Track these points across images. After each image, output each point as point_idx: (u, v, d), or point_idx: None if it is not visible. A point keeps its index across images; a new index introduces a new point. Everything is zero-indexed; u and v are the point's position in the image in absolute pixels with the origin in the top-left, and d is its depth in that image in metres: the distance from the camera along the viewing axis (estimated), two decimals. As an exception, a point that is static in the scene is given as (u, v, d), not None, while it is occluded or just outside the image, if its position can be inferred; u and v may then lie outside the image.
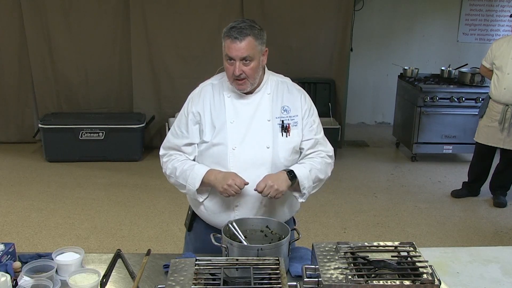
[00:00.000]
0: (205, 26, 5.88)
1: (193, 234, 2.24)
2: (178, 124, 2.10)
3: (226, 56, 1.97)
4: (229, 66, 1.97)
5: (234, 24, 1.95)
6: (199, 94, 2.09)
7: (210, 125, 2.04)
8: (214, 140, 2.02)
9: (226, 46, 1.96)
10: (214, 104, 2.05)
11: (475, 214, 4.59)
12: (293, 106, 2.09)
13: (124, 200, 4.65)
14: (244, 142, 2.01)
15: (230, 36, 1.93)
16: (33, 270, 1.79)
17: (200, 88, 2.12)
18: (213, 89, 2.09)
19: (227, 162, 2.01)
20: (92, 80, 5.98)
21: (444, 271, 1.92)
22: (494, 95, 4.45)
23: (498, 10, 6.98)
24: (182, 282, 1.57)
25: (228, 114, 2.03)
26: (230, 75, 1.99)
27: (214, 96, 2.07)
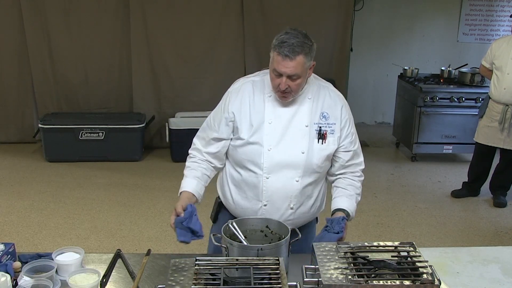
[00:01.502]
0: (205, 26, 5.88)
1: (217, 226, 2.24)
2: (214, 116, 2.11)
3: (273, 70, 1.93)
4: (276, 78, 1.95)
5: (286, 39, 1.89)
6: (237, 90, 2.07)
7: (248, 123, 2.02)
8: (251, 138, 2.01)
9: (275, 60, 1.92)
10: (254, 102, 2.03)
11: (475, 214, 4.59)
12: (332, 114, 2.08)
13: (124, 200, 4.65)
14: (280, 144, 2.01)
15: (280, 53, 1.88)
16: (33, 270, 1.78)
17: (240, 84, 2.09)
18: (253, 86, 2.06)
19: (261, 162, 2.02)
20: (92, 80, 5.98)
21: (444, 271, 1.91)
22: (494, 95, 4.45)
23: (498, 10, 6.98)
24: (182, 282, 1.57)
25: (267, 114, 2.02)
26: (275, 86, 1.97)
27: (254, 94, 2.05)
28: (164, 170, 5.45)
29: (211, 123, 2.10)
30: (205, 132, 2.12)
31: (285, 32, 1.93)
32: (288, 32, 1.93)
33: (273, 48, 1.93)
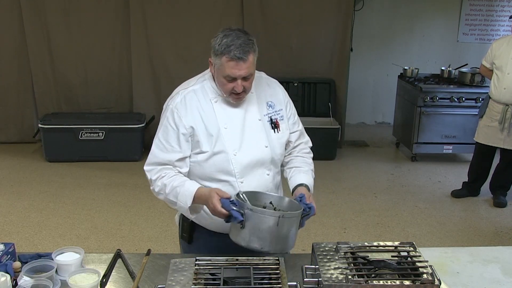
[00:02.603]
0: (205, 26, 5.88)
1: (195, 245, 2.11)
2: (165, 138, 1.94)
3: (226, 76, 1.86)
4: (228, 83, 1.88)
5: (231, 41, 1.82)
6: (184, 104, 1.94)
7: (206, 134, 1.93)
8: (215, 148, 1.93)
9: (226, 66, 1.84)
10: (204, 112, 1.94)
11: (475, 214, 4.59)
12: (276, 101, 2.08)
13: (124, 200, 4.65)
14: (243, 145, 1.96)
15: (232, 58, 1.82)
16: (33, 270, 1.78)
17: (182, 97, 1.96)
18: (196, 95, 1.97)
19: (232, 169, 1.95)
20: (92, 80, 5.98)
21: (444, 271, 1.91)
22: (494, 95, 4.44)
23: (498, 10, 6.98)
24: (182, 282, 1.57)
25: (220, 120, 1.95)
26: (228, 90, 1.90)
27: (201, 103, 1.95)
28: (164, 170, 5.45)
29: (166, 146, 1.93)
30: (162, 157, 1.94)
31: (224, 35, 1.86)
32: (228, 34, 1.86)
33: (218, 54, 1.85)
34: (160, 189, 1.93)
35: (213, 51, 1.89)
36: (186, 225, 2.11)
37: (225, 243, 1.88)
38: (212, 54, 1.91)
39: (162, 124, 1.98)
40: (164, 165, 1.94)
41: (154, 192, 1.98)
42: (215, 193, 1.78)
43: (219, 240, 2.00)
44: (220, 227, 1.97)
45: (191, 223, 2.09)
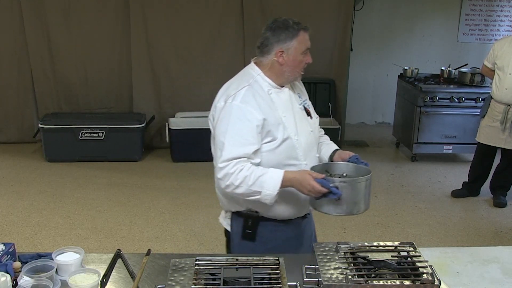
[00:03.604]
0: (205, 26, 5.88)
1: (260, 241, 2.14)
2: (238, 133, 2.00)
3: (304, 50, 2.06)
4: (303, 58, 2.08)
5: (292, 20, 2.06)
6: (250, 99, 2.04)
7: (274, 123, 2.04)
8: (284, 135, 2.05)
9: (302, 40, 2.05)
10: (266, 104, 2.06)
11: (475, 214, 4.59)
12: (301, 92, 2.28)
13: (124, 200, 4.65)
14: (298, 131, 2.11)
15: (305, 28, 2.05)
16: (33, 270, 1.78)
17: (246, 93, 2.06)
18: (256, 90, 2.08)
19: (297, 153, 2.09)
20: (92, 80, 5.98)
21: (444, 271, 1.91)
22: (496, 95, 4.44)
23: (498, 10, 6.98)
24: (182, 282, 1.58)
25: (279, 109, 2.08)
26: (302, 67, 2.11)
27: (261, 97, 2.07)
28: (164, 170, 5.46)
29: (241, 141, 1.99)
30: (240, 151, 1.99)
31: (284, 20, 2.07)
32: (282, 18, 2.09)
33: (294, 34, 2.03)
34: (241, 181, 1.95)
35: (286, 36, 2.04)
36: (252, 221, 2.13)
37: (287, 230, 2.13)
38: (282, 43, 2.05)
39: (229, 122, 2.02)
40: (239, 158, 1.98)
41: (231, 186, 1.97)
42: (308, 174, 1.93)
43: (282, 228, 2.13)
44: (290, 213, 2.13)
45: (257, 217, 2.12)
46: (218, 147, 2.03)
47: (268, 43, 2.08)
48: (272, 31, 2.06)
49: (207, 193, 4.85)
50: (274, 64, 2.09)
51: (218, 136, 2.05)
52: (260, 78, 2.10)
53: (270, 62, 2.10)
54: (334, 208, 1.93)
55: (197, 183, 5.09)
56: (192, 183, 5.10)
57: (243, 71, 2.21)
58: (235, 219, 2.17)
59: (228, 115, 2.03)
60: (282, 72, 2.09)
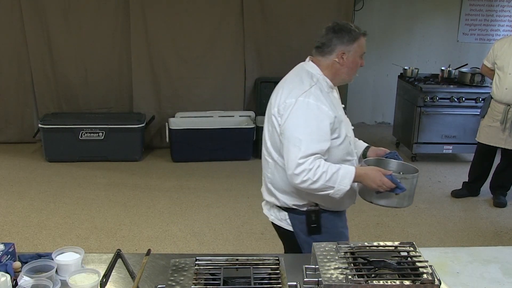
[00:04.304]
0: (205, 26, 5.88)
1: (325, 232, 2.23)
2: (314, 130, 2.07)
3: (362, 54, 2.19)
4: (360, 61, 2.21)
5: (354, 25, 2.19)
6: (321, 97, 2.12)
7: (339, 121, 2.16)
8: (345, 133, 2.20)
9: (362, 44, 2.18)
10: (331, 101, 2.17)
11: (475, 214, 4.59)
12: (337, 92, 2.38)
13: (124, 200, 4.65)
14: (348, 128, 2.30)
15: (364, 33, 2.18)
16: (33, 270, 1.78)
17: (315, 90, 2.14)
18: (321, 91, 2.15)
19: (352, 149, 2.28)
20: (92, 80, 5.98)
21: (444, 271, 1.91)
22: (496, 95, 4.44)
23: (498, 10, 6.98)
24: (182, 282, 1.57)
25: (337, 108, 2.20)
26: (357, 69, 2.22)
27: (324, 96, 2.15)
28: (164, 170, 5.46)
29: (318, 136, 2.07)
30: (317, 147, 2.06)
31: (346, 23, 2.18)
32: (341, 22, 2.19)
33: (356, 37, 2.15)
34: (318, 177, 2.03)
35: (349, 38, 2.15)
36: (315, 216, 2.22)
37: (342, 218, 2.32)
38: (344, 45, 2.15)
39: (305, 119, 2.08)
40: (315, 155, 2.05)
41: (308, 181, 2.03)
42: (378, 171, 2.11)
43: (338, 217, 2.29)
44: (346, 204, 2.30)
45: (317, 210, 2.21)
46: (293, 143, 2.06)
47: (331, 44, 2.16)
48: (336, 33, 2.15)
49: (207, 193, 4.85)
50: (334, 64, 2.18)
51: (292, 132, 2.08)
52: (322, 79, 2.19)
53: (330, 62, 2.19)
54: (388, 201, 2.16)
55: (197, 183, 5.09)
56: (192, 183, 5.10)
57: (300, 69, 2.29)
58: (296, 217, 2.24)
59: (303, 112, 2.08)
60: (340, 73, 2.20)
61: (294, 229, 2.25)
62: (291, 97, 2.12)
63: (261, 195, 2.43)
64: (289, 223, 2.26)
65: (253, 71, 6.14)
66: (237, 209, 4.52)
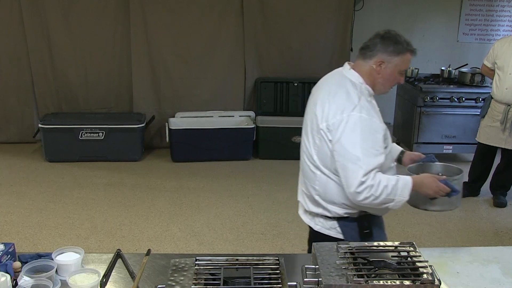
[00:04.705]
0: (205, 26, 5.89)
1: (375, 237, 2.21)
2: (370, 145, 2.03)
3: (402, 70, 2.15)
4: (399, 77, 2.18)
5: (404, 39, 2.11)
6: (371, 109, 2.09)
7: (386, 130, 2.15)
8: (390, 141, 2.20)
9: (407, 60, 2.13)
10: (376, 111, 2.14)
11: (475, 214, 4.59)
12: None
13: (124, 200, 4.65)
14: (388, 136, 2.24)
15: (413, 51, 2.13)
16: (33, 270, 1.79)
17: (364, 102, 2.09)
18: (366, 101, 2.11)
19: (393, 156, 2.31)
20: (92, 80, 5.98)
21: (444, 271, 1.91)
22: (496, 95, 4.44)
23: (498, 10, 6.98)
24: (182, 282, 1.57)
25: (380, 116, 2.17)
26: (393, 84, 2.21)
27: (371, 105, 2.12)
28: (164, 170, 5.46)
29: (374, 151, 2.03)
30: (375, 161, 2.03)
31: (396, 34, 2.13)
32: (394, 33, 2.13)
33: (402, 51, 2.10)
34: (381, 192, 2.00)
35: (394, 49, 2.09)
36: (367, 221, 2.19)
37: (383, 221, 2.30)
38: (386, 54, 2.10)
39: (360, 134, 2.02)
40: (375, 169, 2.02)
41: (371, 197, 2.00)
42: (432, 177, 2.12)
43: (381, 220, 2.29)
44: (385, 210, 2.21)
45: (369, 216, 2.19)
46: (351, 160, 2.01)
47: (374, 49, 2.12)
48: (383, 40, 2.11)
49: (207, 193, 4.85)
50: (372, 72, 2.14)
51: (348, 149, 2.02)
52: (364, 86, 2.15)
53: (369, 68, 2.15)
54: (443, 206, 2.19)
55: (197, 183, 5.09)
56: (192, 183, 5.10)
57: (340, 78, 2.21)
58: (347, 225, 2.18)
59: (357, 128, 2.02)
60: (377, 82, 2.16)
61: (344, 237, 2.18)
62: (342, 112, 2.04)
63: (261, 195, 2.44)
64: (339, 231, 2.20)
65: (253, 71, 6.14)
66: (237, 209, 4.52)
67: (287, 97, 6.16)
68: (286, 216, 4.35)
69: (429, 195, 2.11)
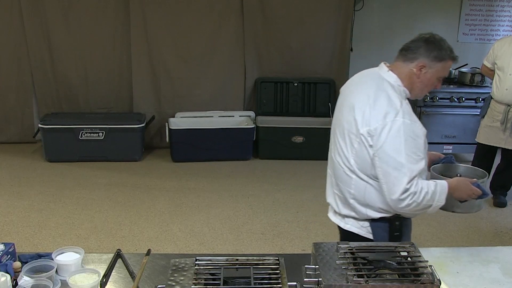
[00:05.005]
0: (205, 26, 5.89)
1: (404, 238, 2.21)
2: (413, 151, 2.01)
3: (441, 77, 2.11)
4: (436, 83, 2.14)
5: (448, 45, 2.08)
6: (410, 109, 2.08)
7: None
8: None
9: (447, 67, 2.11)
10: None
11: (475, 214, 4.56)
12: None
13: (124, 200, 4.65)
14: None
15: (454, 58, 2.10)
16: (33, 270, 1.79)
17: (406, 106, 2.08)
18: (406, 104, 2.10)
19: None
20: (92, 80, 5.99)
21: (444, 271, 1.91)
22: (496, 95, 4.44)
23: (498, 10, 6.98)
24: (182, 282, 1.57)
25: None
26: (429, 90, 2.17)
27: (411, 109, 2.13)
28: (164, 170, 5.46)
29: (416, 157, 2.02)
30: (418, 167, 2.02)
31: (441, 39, 2.09)
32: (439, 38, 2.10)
33: (443, 58, 2.07)
34: (422, 198, 2.00)
35: (437, 55, 2.06)
36: (399, 224, 2.17)
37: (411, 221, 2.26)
38: (429, 59, 2.07)
39: (404, 140, 2.00)
40: (418, 176, 2.01)
41: (413, 204, 2.00)
42: (465, 181, 2.13)
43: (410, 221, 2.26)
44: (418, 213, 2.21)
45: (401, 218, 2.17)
46: (395, 167, 1.99)
47: (417, 52, 2.08)
48: (426, 44, 2.08)
49: (207, 193, 4.85)
50: (412, 75, 2.10)
51: (392, 156, 1.99)
52: (402, 89, 2.12)
53: (408, 71, 2.11)
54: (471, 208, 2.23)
55: (197, 183, 5.09)
56: (192, 183, 5.10)
57: (379, 79, 2.18)
58: (378, 226, 2.17)
59: (401, 133, 2.00)
60: (415, 85, 2.12)
61: (374, 237, 2.17)
62: (385, 117, 2.01)
63: (261, 195, 2.43)
64: (369, 231, 2.19)
65: (253, 71, 6.15)
66: (237, 209, 4.52)
67: (287, 97, 6.17)
68: (286, 216, 4.35)
69: (462, 199, 2.12)
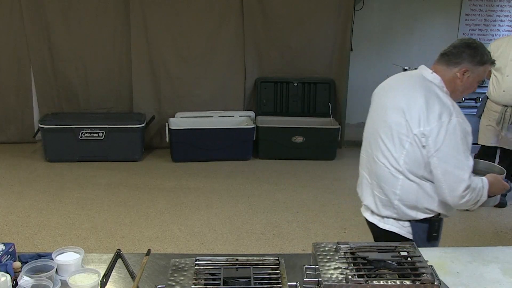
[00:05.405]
0: (205, 26, 5.89)
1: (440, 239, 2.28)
2: (467, 148, 2.10)
3: (480, 80, 2.19)
4: (476, 86, 2.21)
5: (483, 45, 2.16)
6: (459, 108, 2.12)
7: None
8: None
9: (487, 70, 2.20)
10: None
11: (475, 214, 4.59)
12: None
13: (124, 200, 4.65)
14: None
15: (493, 62, 2.22)
16: (33, 270, 1.78)
17: (457, 107, 2.13)
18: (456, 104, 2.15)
19: None
20: (92, 80, 5.99)
21: (444, 271, 1.91)
22: (493, 96, 4.43)
23: (498, 10, 6.98)
24: (182, 282, 1.57)
25: None
26: (470, 92, 2.23)
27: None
28: (164, 170, 5.46)
29: (469, 153, 2.11)
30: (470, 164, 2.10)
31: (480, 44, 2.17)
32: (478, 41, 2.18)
33: (485, 62, 2.15)
34: (477, 194, 2.10)
35: (480, 60, 2.14)
36: (438, 225, 2.23)
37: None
38: (473, 64, 2.14)
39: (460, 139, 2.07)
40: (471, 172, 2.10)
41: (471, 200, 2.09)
42: (497, 177, 2.19)
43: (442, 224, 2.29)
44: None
45: (441, 219, 2.24)
46: (456, 165, 2.06)
47: (461, 57, 2.14)
48: (470, 49, 2.13)
49: (207, 193, 4.85)
50: (455, 79, 2.16)
51: (453, 154, 2.06)
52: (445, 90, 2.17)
53: (452, 76, 2.16)
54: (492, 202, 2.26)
55: (197, 183, 5.09)
56: (192, 183, 5.10)
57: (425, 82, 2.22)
58: (419, 226, 2.22)
59: (457, 132, 2.06)
60: (456, 89, 2.18)
61: (414, 237, 2.22)
62: (440, 118, 2.06)
63: (261, 195, 2.44)
64: (409, 231, 2.23)
65: (253, 71, 6.15)
66: (237, 209, 4.52)
67: (287, 97, 6.17)
68: (286, 216, 4.35)
69: (496, 194, 2.18)
